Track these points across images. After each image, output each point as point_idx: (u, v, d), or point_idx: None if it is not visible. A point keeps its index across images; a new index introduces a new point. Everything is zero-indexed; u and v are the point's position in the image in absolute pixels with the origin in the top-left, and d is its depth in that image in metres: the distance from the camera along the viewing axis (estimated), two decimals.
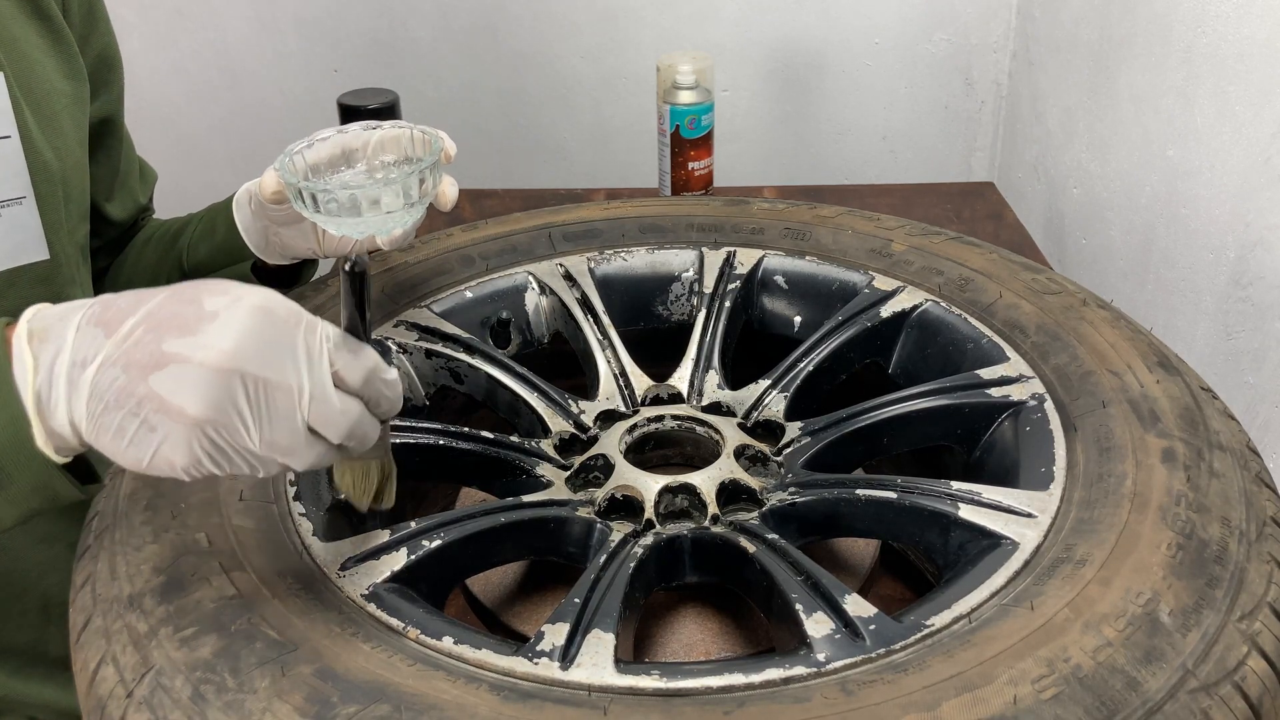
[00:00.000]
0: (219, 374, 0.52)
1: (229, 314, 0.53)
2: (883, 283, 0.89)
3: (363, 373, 0.57)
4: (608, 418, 0.84)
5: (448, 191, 0.82)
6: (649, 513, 0.73)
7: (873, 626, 0.59)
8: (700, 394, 0.86)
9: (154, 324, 0.53)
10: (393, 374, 0.60)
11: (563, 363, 0.92)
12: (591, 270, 0.95)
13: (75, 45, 0.90)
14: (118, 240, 1.05)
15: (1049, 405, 0.74)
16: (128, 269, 1.03)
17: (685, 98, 1.37)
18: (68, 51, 0.89)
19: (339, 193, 0.73)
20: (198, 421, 0.52)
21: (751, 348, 0.93)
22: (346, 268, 0.59)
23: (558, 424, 0.83)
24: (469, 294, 0.92)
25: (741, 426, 0.82)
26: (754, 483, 0.75)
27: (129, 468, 0.55)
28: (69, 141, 0.88)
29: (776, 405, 0.83)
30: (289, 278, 1.00)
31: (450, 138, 0.79)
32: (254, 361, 0.53)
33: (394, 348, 0.84)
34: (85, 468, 0.61)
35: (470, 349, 0.86)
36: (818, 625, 0.60)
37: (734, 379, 0.88)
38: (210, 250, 0.96)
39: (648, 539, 0.70)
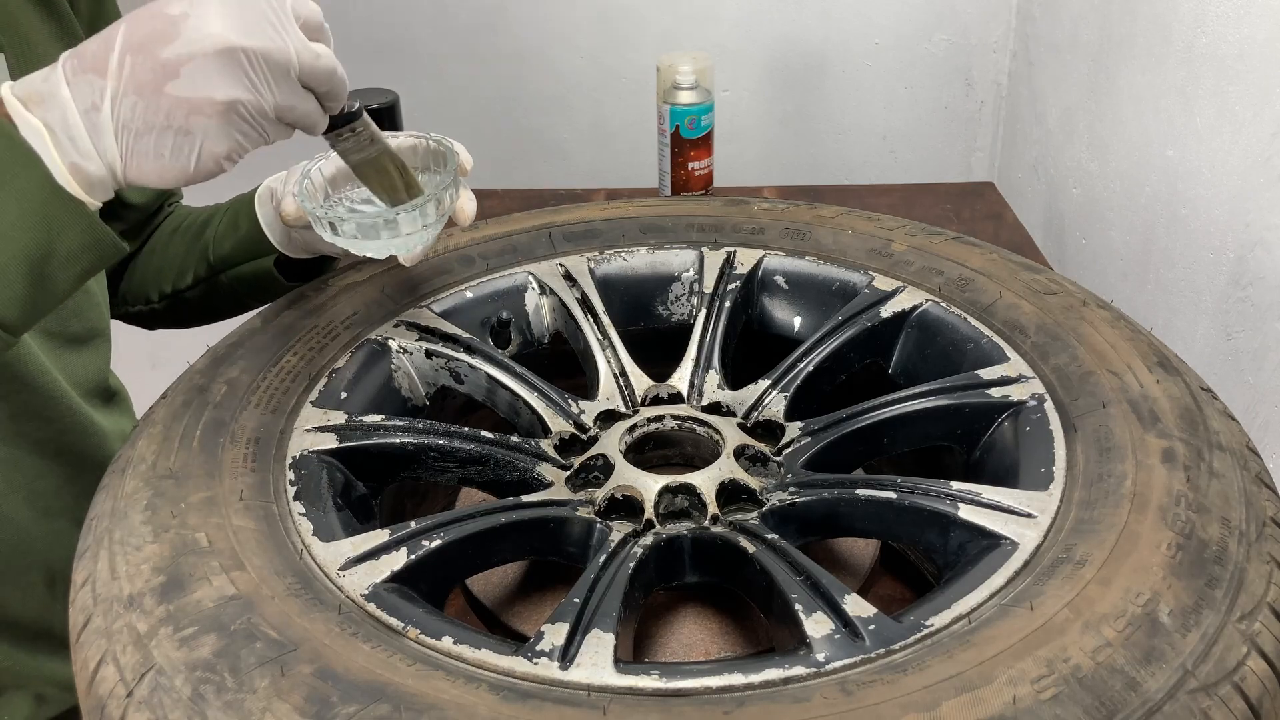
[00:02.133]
0: (224, 54, 0.57)
1: (200, 7, 0.57)
2: (883, 283, 0.89)
3: (318, 15, 0.63)
4: (608, 418, 0.84)
5: (466, 207, 0.84)
6: (649, 513, 0.73)
7: (872, 627, 0.59)
8: (700, 394, 0.86)
9: (138, 45, 0.57)
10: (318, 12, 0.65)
11: (563, 363, 0.92)
12: (591, 270, 0.95)
13: (80, 30, 0.92)
14: (142, 224, 1.06)
15: (1049, 405, 0.74)
16: (156, 259, 1.05)
17: (685, 98, 1.37)
18: (71, 36, 0.90)
19: (359, 220, 0.76)
20: (228, 104, 0.57)
21: (751, 348, 0.93)
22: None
23: (558, 424, 0.83)
24: (469, 294, 0.92)
25: (741, 426, 0.82)
26: (754, 483, 0.75)
27: (174, 183, 0.59)
28: None
29: (776, 405, 0.83)
30: (313, 269, 1.02)
31: (463, 146, 0.81)
32: (243, 35, 0.57)
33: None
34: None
35: (470, 349, 0.87)
36: (817, 625, 0.60)
37: (734, 379, 0.88)
38: (235, 245, 0.98)
39: (647, 539, 0.70)
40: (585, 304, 0.92)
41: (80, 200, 0.60)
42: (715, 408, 0.85)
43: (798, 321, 0.93)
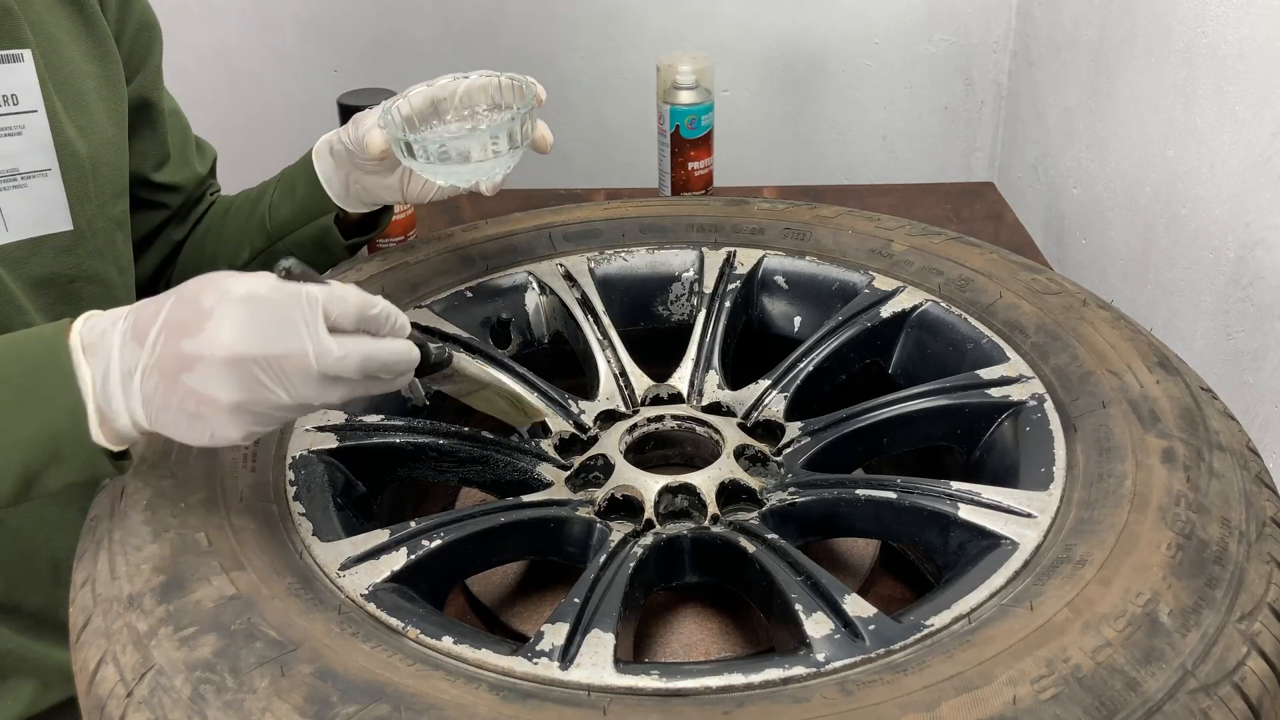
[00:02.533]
0: (231, 364, 0.58)
1: (222, 309, 0.59)
2: (883, 283, 0.89)
3: (354, 312, 0.62)
4: (608, 418, 0.84)
5: (546, 134, 0.86)
6: (649, 513, 0.73)
7: (872, 627, 0.59)
8: (700, 394, 0.86)
9: (170, 330, 0.60)
10: (380, 302, 0.64)
11: (563, 363, 0.92)
12: (592, 270, 0.95)
13: (108, 28, 0.94)
14: (184, 209, 1.08)
15: (1049, 405, 0.74)
16: (211, 243, 1.07)
17: (685, 98, 1.37)
18: (98, 34, 0.93)
19: (450, 143, 0.80)
20: (234, 405, 0.59)
21: (751, 348, 0.93)
22: (282, 274, 0.61)
23: (558, 424, 0.83)
24: (469, 294, 0.92)
25: (741, 426, 0.82)
26: (754, 483, 0.75)
27: (199, 445, 0.62)
28: (97, 120, 0.92)
29: (776, 405, 0.83)
30: (368, 225, 1.04)
31: (534, 79, 0.84)
32: (256, 344, 0.58)
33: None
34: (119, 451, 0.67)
35: (470, 349, 0.86)
36: (817, 625, 0.60)
37: (734, 379, 0.88)
38: (292, 209, 1.00)
39: (647, 539, 0.70)
40: (585, 304, 0.92)
41: (97, 445, 0.63)
42: (715, 408, 0.85)
43: (798, 321, 0.93)
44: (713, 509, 0.73)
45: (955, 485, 0.69)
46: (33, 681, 0.93)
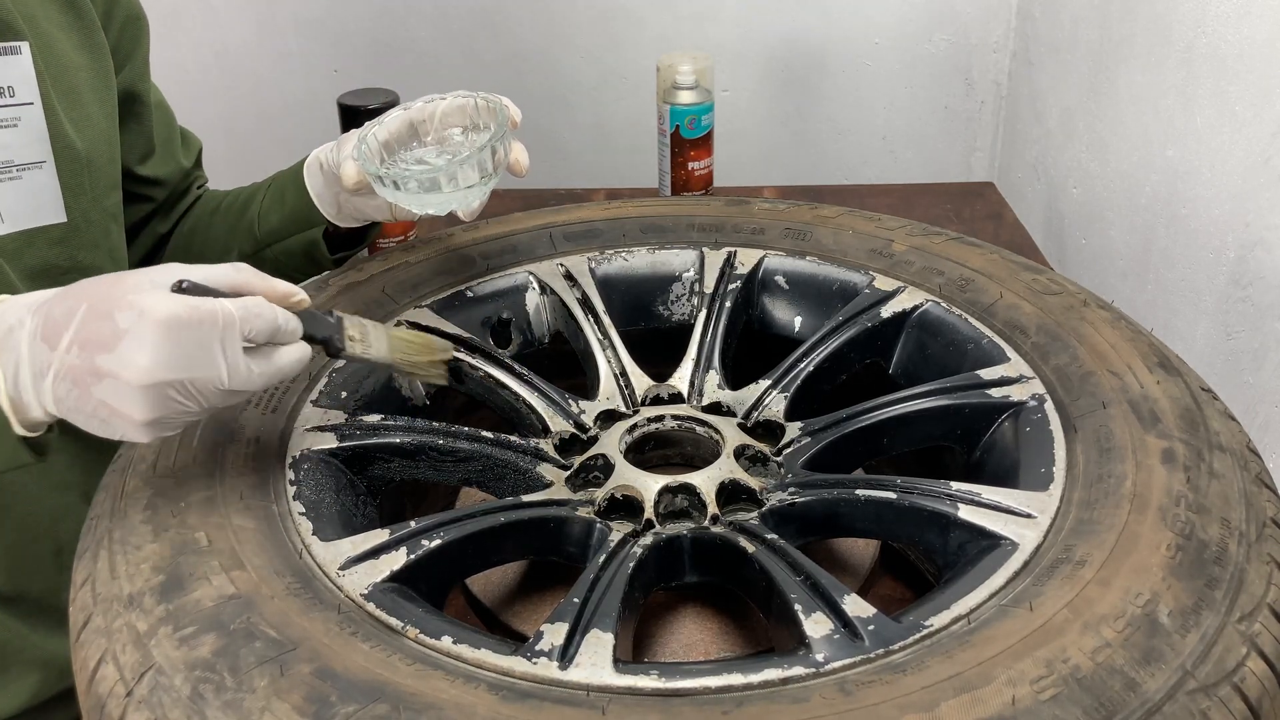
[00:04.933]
0: (144, 389, 0.60)
1: (139, 330, 0.60)
2: (883, 283, 0.89)
3: (268, 329, 0.64)
4: (608, 418, 0.84)
5: (520, 159, 0.84)
6: (649, 513, 0.73)
7: (872, 627, 0.59)
8: (700, 394, 0.86)
9: (83, 340, 0.61)
10: (287, 317, 0.66)
11: (563, 363, 0.92)
12: (592, 270, 0.95)
13: (98, 21, 0.94)
14: (169, 203, 1.08)
15: (1049, 406, 0.74)
16: (197, 242, 1.07)
17: (685, 98, 1.37)
18: (88, 27, 0.93)
19: (421, 175, 0.79)
20: (145, 421, 0.61)
21: (752, 348, 0.93)
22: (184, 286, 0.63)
23: (558, 424, 0.83)
24: (469, 294, 0.92)
25: (741, 427, 0.82)
26: (754, 483, 0.75)
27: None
28: (90, 113, 0.92)
29: (777, 405, 0.83)
30: (355, 239, 1.04)
31: (510, 100, 0.83)
32: (172, 369, 0.60)
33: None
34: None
35: (471, 349, 0.86)
36: (817, 625, 0.60)
37: (734, 379, 0.88)
38: (281, 219, 1.00)
39: (647, 539, 0.70)
40: (586, 304, 0.92)
41: (16, 434, 0.66)
42: (715, 408, 0.85)
43: (798, 321, 0.93)
44: (713, 509, 0.73)
45: (955, 485, 0.69)
46: (35, 671, 0.93)
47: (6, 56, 0.85)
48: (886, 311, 0.87)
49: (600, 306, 0.92)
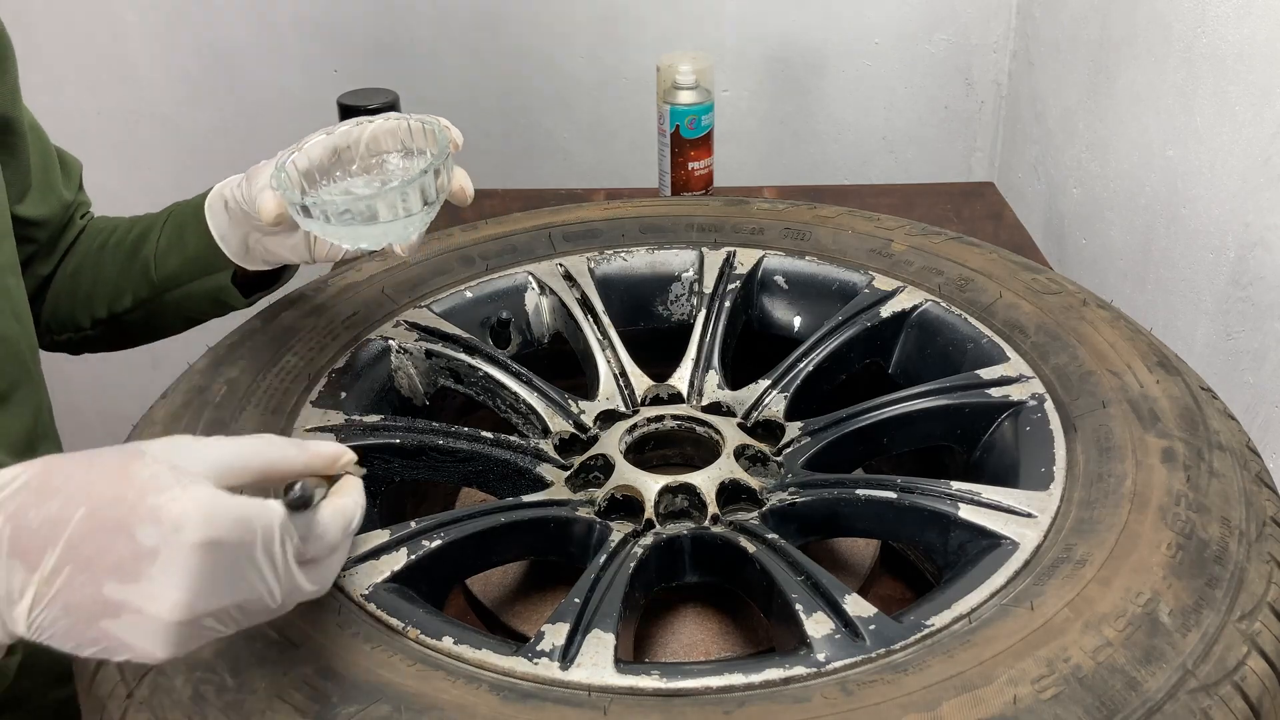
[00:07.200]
0: (179, 626, 0.47)
1: (171, 555, 0.47)
2: (883, 283, 0.89)
3: (326, 546, 0.54)
4: (608, 418, 0.84)
5: (465, 186, 0.76)
6: (649, 513, 0.73)
7: (872, 626, 0.59)
8: (700, 394, 0.86)
9: (83, 562, 0.47)
10: (340, 519, 0.55)
11: (563, 363, 0.92)
12: (591, 270, 0.95)
13: None
14: (53, 241, 0.96)
15: (1049, 405, 0.74)
16: (85, 282, 0.95)
17: (685, 98, 1.37)
18: None
19: (356, 204, 0.68)
20: (168, 657, 0.49)
21: (751, 348, 0.93)
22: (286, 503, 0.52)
23: (558, 424, 0.83)
24: (469, 294, 0.92)
25: (741, 426, 0.82)
26: (754, 483, 0.75)
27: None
28: None
29: (776, 405, 0.83)
30: (268, 280, 0.94)
31: (448, 121, 0.74)
32: (213, 599, 0.48)
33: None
34: None
35: (470, 349, 0.86)
36: (817, 625, 0.60)
37: (734, 379, 0.88)
38: (181, 261, 0.90)
39: (648, 539, 0.70)
40: (585, 304, 0.92)
41: None
42: (715, 408, 0.85)
43: (798, 321, 0.93)
44: (713, 509, 0.73)
45: (955, 485, 0.69)
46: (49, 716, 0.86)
47: None
48: (886, 311, 0.87)
49: (600, 307, 0.92)
